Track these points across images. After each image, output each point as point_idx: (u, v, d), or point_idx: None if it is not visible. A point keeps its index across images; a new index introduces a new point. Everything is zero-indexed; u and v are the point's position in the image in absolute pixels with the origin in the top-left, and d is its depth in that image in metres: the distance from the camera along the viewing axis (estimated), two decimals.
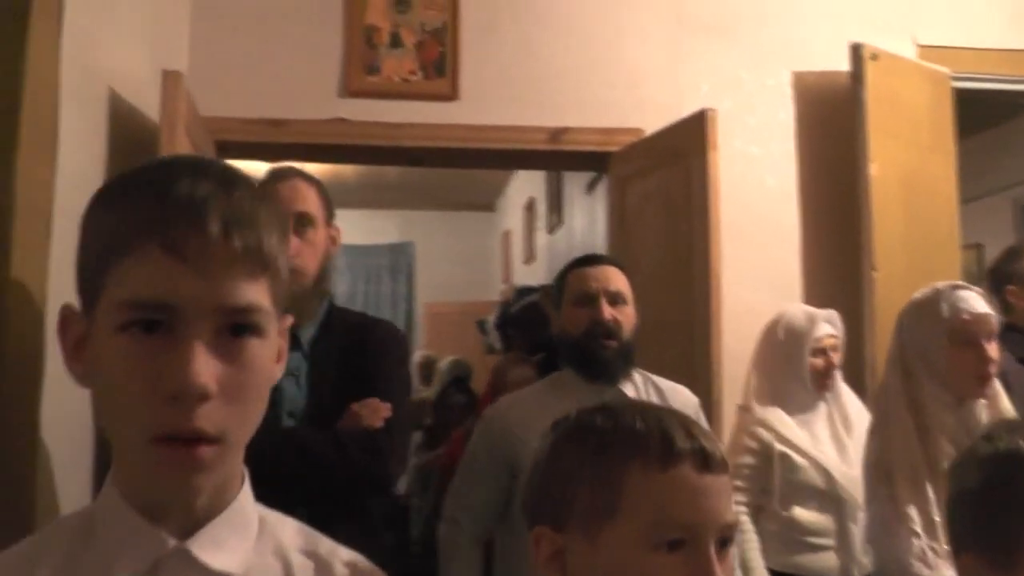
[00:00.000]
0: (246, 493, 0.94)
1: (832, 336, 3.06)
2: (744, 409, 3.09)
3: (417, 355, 7.27)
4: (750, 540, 2.89)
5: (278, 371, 0.93)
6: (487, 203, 9.58)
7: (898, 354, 2.40)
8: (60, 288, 2.46)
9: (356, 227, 9.42)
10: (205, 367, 0.80)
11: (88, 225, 0.88)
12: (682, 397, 2.39)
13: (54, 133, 2.34)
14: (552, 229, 6.59)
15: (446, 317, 9.41)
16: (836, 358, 3.06)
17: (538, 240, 7.18)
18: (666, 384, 2.42)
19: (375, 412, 2.02)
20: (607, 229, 3.96)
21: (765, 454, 2.94)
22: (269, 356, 0.89)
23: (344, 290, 9.76)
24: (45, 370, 2.05)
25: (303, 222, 2.11)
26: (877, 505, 2.27)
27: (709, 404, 3.08)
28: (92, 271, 0.85)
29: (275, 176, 2.15)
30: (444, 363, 6.10)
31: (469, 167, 4.37)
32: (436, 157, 3.86)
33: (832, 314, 3.09)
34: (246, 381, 0.85)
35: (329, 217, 2.21)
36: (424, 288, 9.83)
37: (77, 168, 2.62)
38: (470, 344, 7.30)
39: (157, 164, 0.89)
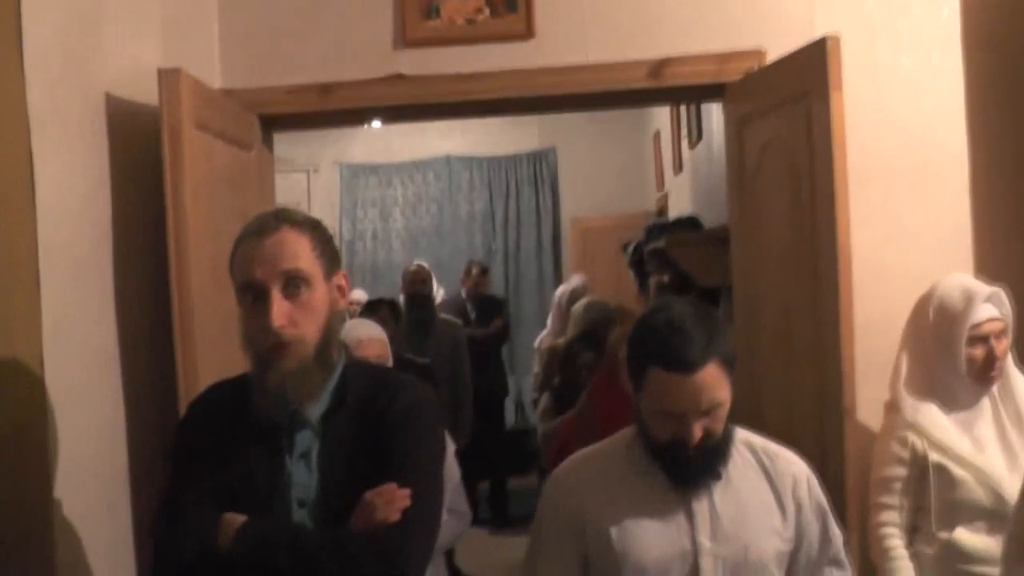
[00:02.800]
0: None
1: (996, 320, 2.74)
2: (892, 408, 2.86)
3: (560, 289, 7.12)
4: (902, 569, 2.72)
5: None
6: None
7: None
8: (57, 348, 2.50)
9: (489, 136, 9.35)
10: None
11: None
12: (786, 466, 2.14)
13: (29, 186, 2.31)
14: (693, 143, 6.26)
15: (596, 233, 9.23)
16: (1002, 346, 2.74)
17: (684, 150, 6.86)
18: (771, 450, 2.16)
19: (391, 502, 1.89)
20: (727, 186, 3.64)
21: (918, 464, 2.75)
22: None
23: (481, 208, 9.73)
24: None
25: (294, 282, 1.95)
26: None
27: (839, 410, 2.86)
28: None
29: (257, 231, 1.99)
30: (579, 306, 5.86)
31: (553, 111, 4.12)
32: (513, 106, 3.63)
33: (996, 292, 2.76)
34: None
35: (331, 268, 2.04)
36: (570, 200, 9.66)
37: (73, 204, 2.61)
38: (623, 265, 7.06)
39: None
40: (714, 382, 1.96)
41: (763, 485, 2.09)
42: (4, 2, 2.33)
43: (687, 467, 2.02)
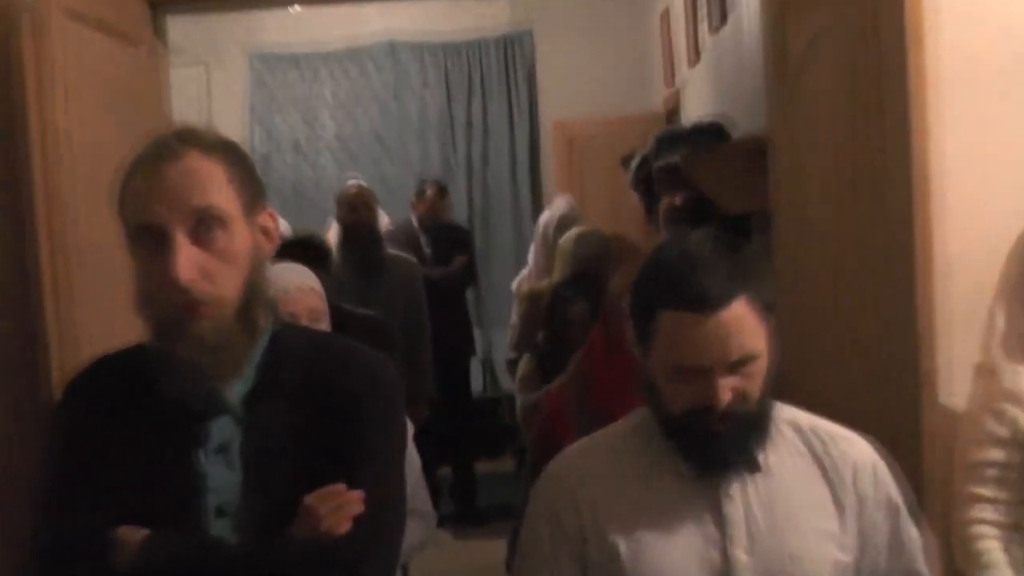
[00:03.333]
0: None
1: None
2: (985, 372, 2.84)
3: (545, 215, 7.04)
4: None
5: None
6: None
7: None
8: None
9: (446, 16, 9.29)
10: None
11: None
12: (845, 451, 2.13)
13: None
14: (714, 27, 6.24)
15: (587, 142, 9.21)
16: None
17: (702, 35, 6.83)
18: (825, 431, 2.15)
19: (339, 508, 1.88)
20: (765, 85, 3.63)
21: (1020, 445, 2.71)
22: None
23: (435, 109, 9.72)
24: None
25: (206, 225, 1.92)
26: None
27: (914, 377, 2.86)
28: None
29: (154, 157, 1.94)
30: (567, 239, 5.82)
31: None
32: None
33: None
34: None
35: (253, 204, 2.01)
36: (551, 99, 9.64)
37: None
38: (623, 184, 7.03)
39: None
40: (744, 326, 1.94)
41: (814, 477, 2.06)
42: None
43: (714, 447, 1.99)
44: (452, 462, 7.34)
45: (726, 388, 1.93)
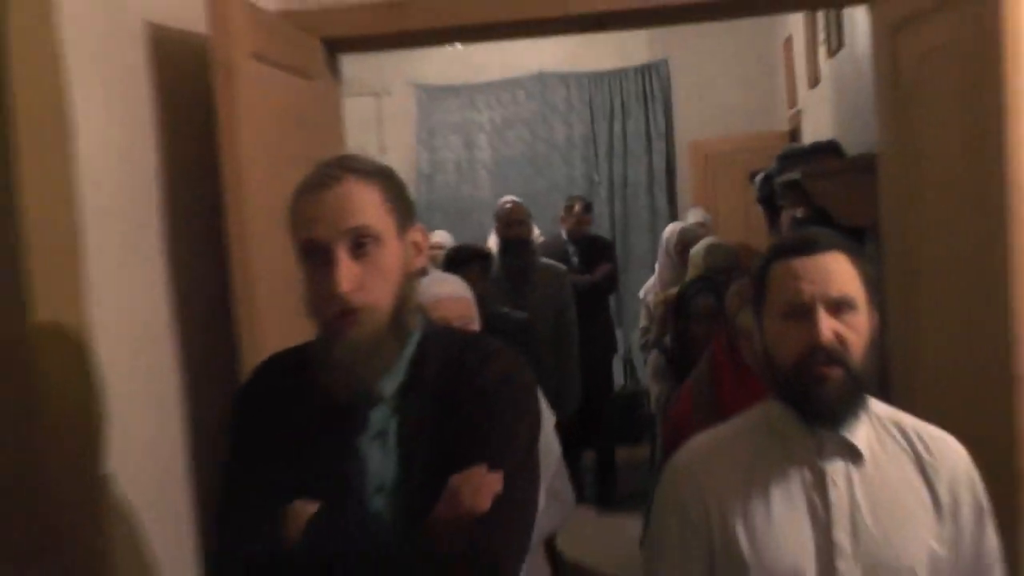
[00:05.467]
0: None
1: None
2: None
3: (668, 229, 7.01)
4: None
5: None
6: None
7: None
8: (101, 295, 2.58)
9: (589, 48, 9.27)
10: None
11: None
12: (945, 453, 2.09)
13: (63, 131, 2.37)
14: (833, 51, 6.13)
15: (718, 159, 9.10)
16: None
17: (821, 59, 6.72)
18: (927, 433, 2.12)
19: (480, 488, 1.90)
20: (876, 105, 3.56)
21: None
22: None
23: (580, 132, 9.69)
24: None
25: (362, 242, 1.97)
26: None
27: (1008, 379, 2.78)
28: None
29: (317, 183, 2.00)
30: (699, 248, 5.80)
31: (668, 24, 4.07)
32: (620, 19, 3.59)
33: None
34: None
35: (404, 222, 2.06)
36: (686, 122, 9.55)
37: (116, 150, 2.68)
38: (751, 198, 6.96)
39: None
40: (843, 270, 1.99)
41: (914, 473, 2.03)
42: None
43: (821, 392, 1.98)
44: (596, 448, 7.33)
45: (827, 326, 1.95)
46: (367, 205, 1.98)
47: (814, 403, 2.00)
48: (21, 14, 2.36)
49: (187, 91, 3.03)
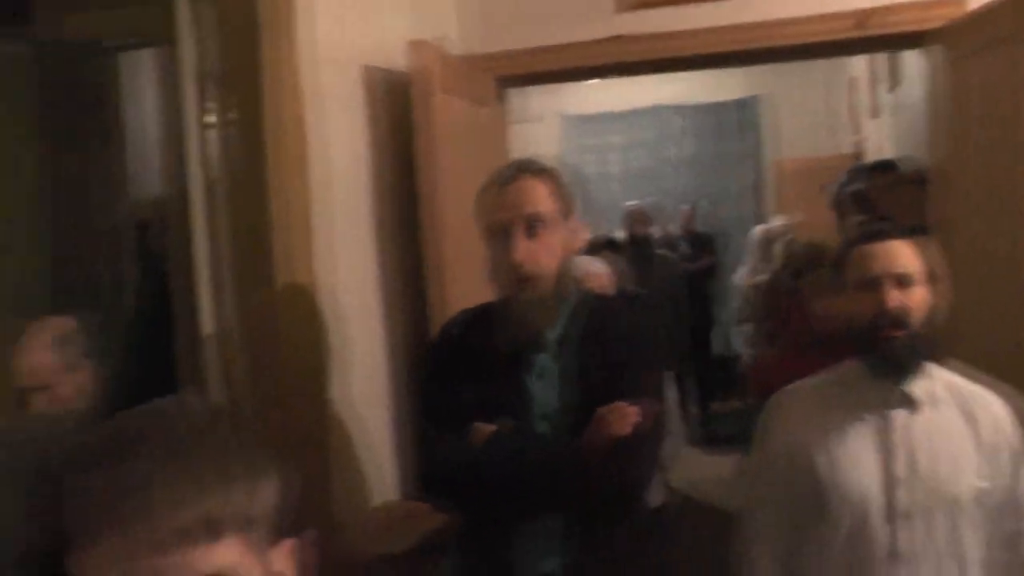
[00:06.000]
0: None
1: None
2: None
3: (757, 228, 6.92)
4: None
5: None
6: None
7: None
8: (337, 280, 2.65)
9: (696, 86, 9.15)
10: None
11: None
12: (988, 406, 2.01)
13: (302, 144, 2.44)
14: (892, 87, 5.93)
15: (796, 174, 8.88)
16: None
17: (880, 94, 6.52)
18: (976, 388, 2.04)
19: (622, 418, 1.90)
20: (929, 130, 3.45)
21: None
22: None
23: (691, 152, 9.56)
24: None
25: (534, 224, 2.00)
26: None
27: None
28: None
29: (501, 179, 2.04)
30: (782, 243, 5.73)
31: (761, 63, 4.00)
32: (721, 60, 3.54)
33: None
34: None
35: (567, 210, 2.08)
36: (772, 144, 9.33)
37: (341, 158, 2.75)
38: (822, 206, 6.80)
39: (103, 439, 0.88)
40: (907, 254, 1.97)
41: (962, 423, 1.95)
42: None
43: (891, 347, 1.94)
44: (700, 400, 7.26)
45: (894, 295, 1.93)
46: (539, 196, 2.01)
47: (882, 360, 1.96)
48: (270, 56, 2.43)
49: (390, 114, 3.08)
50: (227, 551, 0.83)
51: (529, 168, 2.05)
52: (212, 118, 2.49)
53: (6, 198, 3.46)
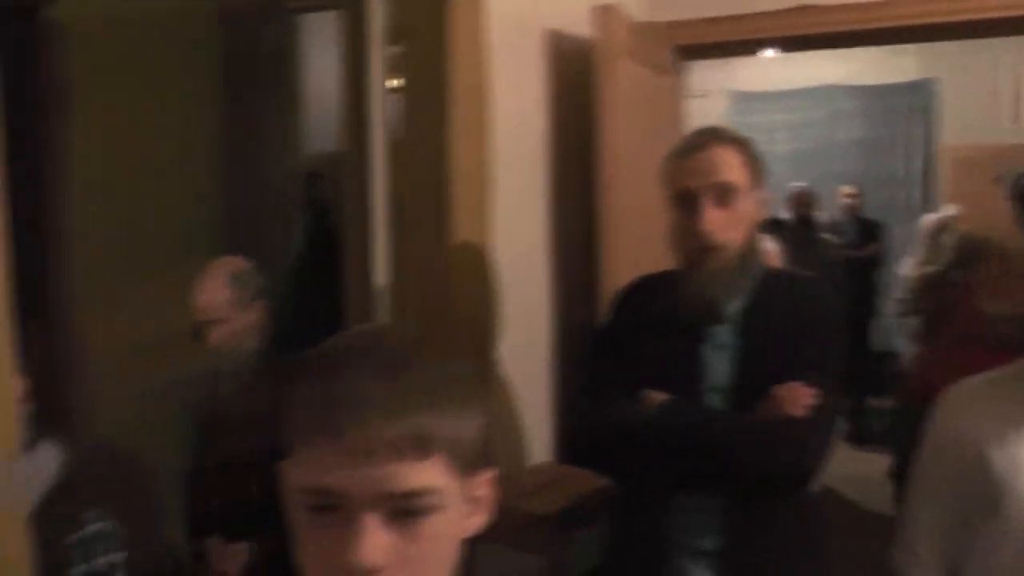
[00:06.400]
0: None
1: None
2: None
3: (928, 217, 6.61)
4: None
5: (472, 527, 0.94)
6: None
7: None
8: (506, 240, 2.68)
9: (867, 67, 8.83)
10: (373, 547, 0.83)
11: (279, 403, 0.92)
12: None
13: (485, 107, 2.47)
14: None
15: (966, 163, 8.46)
16: None
17: None
18: None
19: (797, 399, 1.86)
20: None
21: None
22: (451, 527, 0.90)
23: (860, 134, 9.27)
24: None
25: (724, 193, 1.95)
26: None
27: None
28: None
29: (692, 146, 2.00)
30: (949, 237, 5.45)
31: (946, 39, 3.83)
32: (907, 34, 3.40)
33: None
34: (423, 555, 0.87)
35: (756, 181, 2.03)
36: (943, 129, 8.91)
37: (515, 120, 2.77)
38: (996, 197, 6.47)
39: (322, 354, 0.90)
40: None
41: None
42: None
43: None
44: (851, 396, 6.99)
45: None
46: (730, 165, 1.97)
47: None
48: (459, 23, 2.46)
49: (569, 79, 3.08)
50: (433, 469, 0.85)
51: (721, 136, 2.01)
52: (396, 81, 2.54)
53: (190, 148, 3.62)
